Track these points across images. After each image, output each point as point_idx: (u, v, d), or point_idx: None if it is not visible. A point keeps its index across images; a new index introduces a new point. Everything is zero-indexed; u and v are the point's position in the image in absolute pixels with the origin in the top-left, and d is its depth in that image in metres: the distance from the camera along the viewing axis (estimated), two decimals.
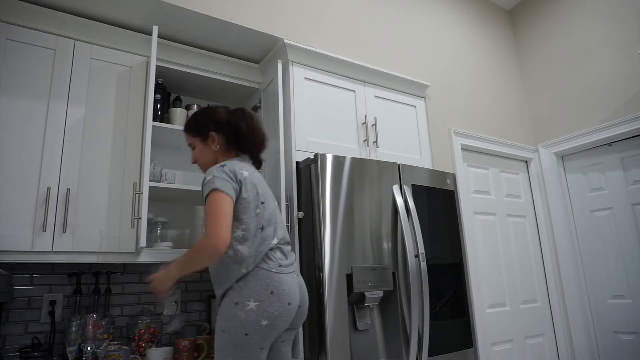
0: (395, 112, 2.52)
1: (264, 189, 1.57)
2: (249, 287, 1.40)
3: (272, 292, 1.40)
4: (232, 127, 1.60)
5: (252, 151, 1.64)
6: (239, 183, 1.46)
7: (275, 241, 1.51)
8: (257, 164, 1.68)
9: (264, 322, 1.37)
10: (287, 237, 1.60)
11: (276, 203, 1.63)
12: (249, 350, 1.36)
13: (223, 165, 1.48)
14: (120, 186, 1.84)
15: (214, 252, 1.35)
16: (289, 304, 1.43)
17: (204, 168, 1.64)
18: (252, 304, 1.37)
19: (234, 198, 1.44)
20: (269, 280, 1.41)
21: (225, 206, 1.39)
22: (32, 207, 1.64)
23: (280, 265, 1.47)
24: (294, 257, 1.58)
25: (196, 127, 1.63)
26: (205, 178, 1.45)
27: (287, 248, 1.57)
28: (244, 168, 1.52)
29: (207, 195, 1.41)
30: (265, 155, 2.19)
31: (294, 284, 1.48)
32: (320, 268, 1.76)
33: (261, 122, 1.68)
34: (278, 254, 1.49)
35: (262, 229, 1.48)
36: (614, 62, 2.93)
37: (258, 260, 1.44)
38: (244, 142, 1.61)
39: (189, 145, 1.67)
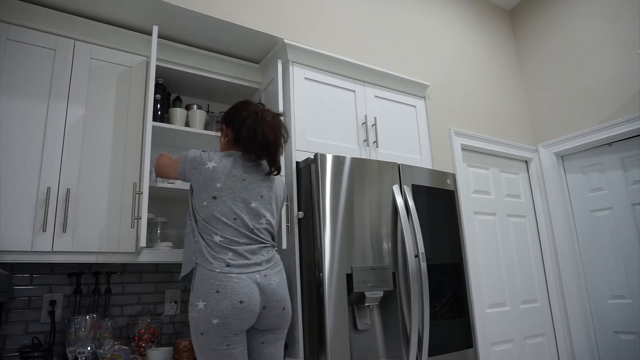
0: (395, 112, 2.52)
1: (228, 187, 1.55)
2: (197, 287, 1.44)
3: (217, 291, 1.41)
4: (239, 125, 1.63)
5: (257, 154, 1.62)
6: (195, 171, 1.57)
7: (217, 239, 1.49)
8: (272, 168, 1.65)
9: (215, 321, 1.38)
10: (255, 237, 1.55)
11: (252, 205, 1.58)
12: (213, 348, 1.39)
13: (192, 153, 1.61)
14: (120, 186, 1.84)
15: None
16: (241, 302, 1.41)
17: None
18: (200, 304, 1.40)
19: (181, 177, 1.62)
20: (212, 280, 1.43)
21: (167, 167, 1.67)
22: (32, 207, 1.64)
23: (228, 265, 1.45)
24: (264, 258, 1.54)
25: (220, 117, 1.81)
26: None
27: (250, 247, 1.52)
28: (213, 160, 1.58)
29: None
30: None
31: (248, 283, 1.45)
32: (320, 268, 1.76)
33: (280, 127, 1.65)
34: (229, 254, 1.47)
35: (205, 221, 1.52)
36: (614, 62, 2.93)
37: (200, 257, 1.48)
38: (246, 143, 1.62)
39: None
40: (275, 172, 1.66)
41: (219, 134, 1.77)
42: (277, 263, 1.60)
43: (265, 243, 1.58)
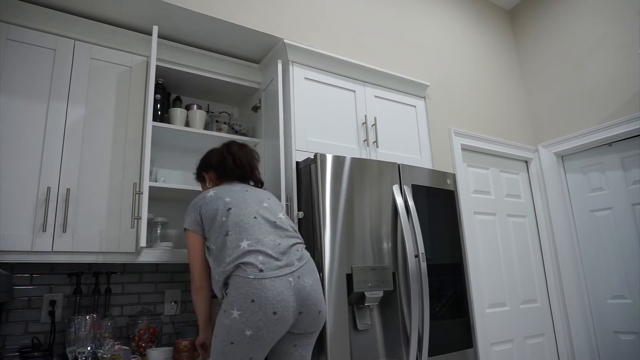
0: (395, 112, 2.52)
1: (237, 197, 1.63)
2: (232, 295, 1.41)
3: (252, 301, 1.37)
4: (217, 162, 1.80)
5: (244, 176, 1.79)
6: (199, 208, 1.63)
7: (245, 245, 1.47)
8: (258, 184, 1.84)
9: (248, 332, 1.35)
10: (286, 237, 1.56)
11: (265, 205, 1.64)
12: (237, 358, 1.37)
13: (189, 207, 1.68)
14: (120, 186, 1.84)
15: (196, 289, 1.62)
16: (275, 313, 1.37)
17: None
18: (235, 313, 1.37)
19: (200, 231, 1.63)
20: (247, 287, 1.38)
21: (195, 247, 1.63)
22: (32, 207, 1.64)
23: (261, 270, 1.41)
24: (295, 257, 1.51)
25: (197, 175, 1.90)
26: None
27: (281, 249, 1.50)
28: (210, 191, 1.67)
29: (184, 231, 1.69)
30: (265, 155, 2.20)
31: (283, 289, 1.41)
32: (320, 268, 1.76)
33: (249, 150, 1.86)
34: (260, 258, 1.44)
35: (227, 234, 1.52)
36: (614, 62, 2.93)
37: (229, 268, 1.44)
38: (232, 172, 1.78)
39: None
40: (260, 186, 1.84)
41: (203, 185, 1.88)
42: (308, 261, 1.57)
43: (292, 235, 1.59)
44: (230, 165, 1.77)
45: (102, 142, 1.85)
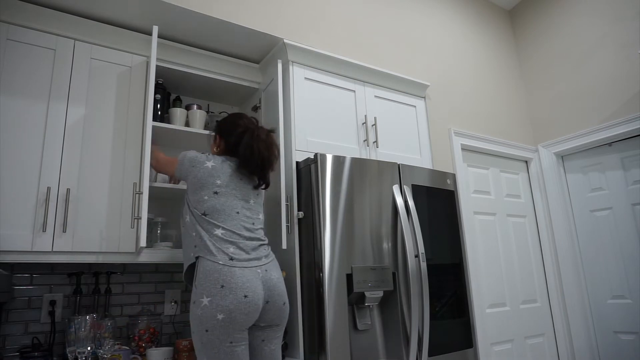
0: (395, 112, 2.52)
1: (228, 184, 1.61)
2: (200, 284, 1.43)
3: (222, 286, 1.41)
4: (235, 139, 1.70)
5: (251, 170, 1.67)
6: (193, 169, 1.62)
7: (219, 232, 1.51)
8: (261, 183, 1.71)
9: (220, 316, 1.38)
10: (253, 234, 1.59)
11: (251, 202, 1.66)
12: (216, 345, 1.38)
13: (191, 153, 1.67)
14: (120, 186, 1.84)
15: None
16: (245, 296, 1.42)
17: None
18: (205, 300, 1.40)
19: (178, 175, 1.68)
20: (216, 274, 1.43)
21: (166, 163, 1.76)
22: (32, 207, 1.64)
23: (232, 259, 1.47)
24: (263, 253, 1.58)
25: (214, 125, 1.83)
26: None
27: (251, 243, 1.56)
28: (212, 160, 1.64)
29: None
30: None
31: (252, 278, 1.47)
32: (320, 268, 1.76)
33: (273, 145, 1.71)
34: (231, 249, 1.49)
35: (205, 214, 1.54)
36: (614, 62, 2.93)
37: (202, 249, 1.48)
38: (242, 159, 1.67)
39: None
40: (264, 187, 1.73)
41: (211, 140, 1.82)
42: (274, 260, 1.64)
43: (263, 240, 1.63)
44: (247, 157, 1.65)
45: (102, 142, 1.85)
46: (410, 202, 2.08)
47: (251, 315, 1.44)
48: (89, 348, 1.67)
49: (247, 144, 1.66)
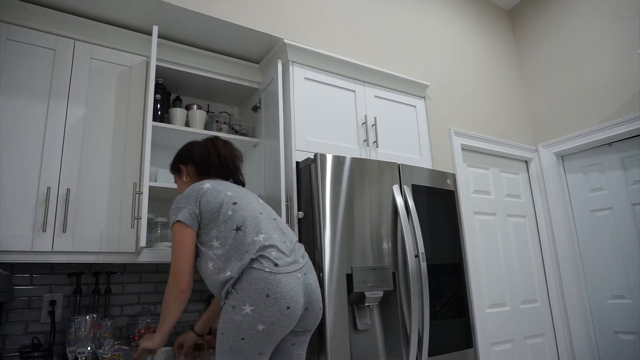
0: (395, 112, 2.52)
1: (237, 192, 1.57)
2: (243, 290, 1.36)
3: (267, 296, 1.34)
4: (199, 157, 1.69)
5: (227, 175, 1.69)
6: (199, 199, 1.50)
7: (260, 238, 1.44)
8: (240, 184, 1.72)
9: (260, 327, 1.33)
10: (288, 236, 1.56)
11: (263, 203, 1.62)
12: (246, 354, 1.34)
13: (183, 193, 1.54)
14: (120, 186, 1.84)
15: (179, 291, 1.44)
16: (288, 307, 1.36)
17: None
18: (247, 309, 1.34)
19: (195, 226, 1.49)
20: (263, 282, 1.36)
21: (186, 241, 1.47)
22: (32, 207, 1.64)
23: (276, 265, 1.40)
24: (299, 255, 1.52)
25: (172, 166, 1.77)
26: (172, 206, 1.53)
27: (288, 246, 1.50)
28: (204, 183, 1.56)
29: (172, 225, 1.50)
30: (265, 155, 2.20)
31: (295, 285, 1.41)
32: (320, 268, 1.76)
33: (233, 147, 1.75)
34: (273, 253, 1.43)
35: (237, 229, 1.45)
36: (614, 62, 2.93)
37: (245, 262, 1.39)
38: (217, 169, 1.67)
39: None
40: (242, 186, 1.72)
41: (178, 178, 1.73)
42: (309, 259, 1.58)
43: (292, 234, 1.59)
44: (215, 161, 1.66)
45: (102, 142, 1.85)
46: (410, 202, 2.08)
47: (289, 327, 1.39)
48: (89, 348, 1.67)
49: (210, 151, 1.68)
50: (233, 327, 1.35)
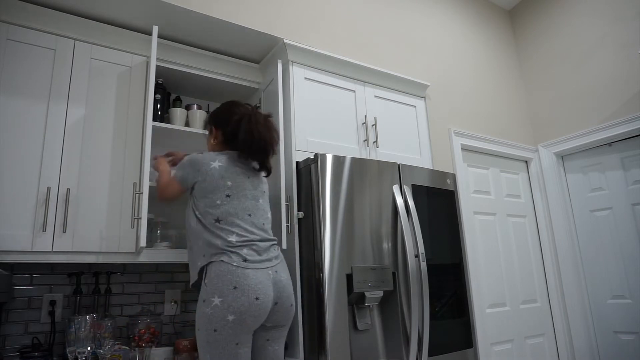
0: (395, 112, 2.52)
1: (239, 184, 1.59)
2: (212, 283, 1.43)
3: (235, 287, 1.41)
4: (232, 128, 1.66)
5: (251, 156, 1.65)
6: (200, 173, 1.57)
7: (233, 238, 1.50)
8: (263, 170, 1.70)
9: (230, 317, 1.38)
10: (266, 235, 1.60)
11: (260, 202, 1.65)
12: (222, 346, 1.38)
13: (190, 157, 1.63)
14: (120, 186, 1.84)
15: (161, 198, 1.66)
16: (257, 298, 1.42)
17: None
18: (216, 300, 1.40)
19: (185, 185, 1.61)
20: (230, 275, 1.42)
21: (170, 188, 1.63)
22: (32, 207, 1.64)
23: (245, 260, 1.47)
24: (273, 255, 1.58)
25: (207, 121, 1.79)
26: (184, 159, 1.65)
27: (263, 245, 1.56)
28: (217, 159, 1.60)
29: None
30: None
31: (264, 279, 1.47)
32: (320, 268, 1.76)
33: (272, 128, 1.68)
34: (245, 250, 1.49)
35: (219, 221, 1.52)
36: (614, 62, 2.93)
37: (216, 253, 1.47)
38: (243, 146, 1.64)
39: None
40: (265, 174, 1.72)
41: (209, 136, 1.76)
42: (283, 260, 1.64)
43: (273, 240, 1.63)
44: (246, 142, 1.62)
45: (102, 142, 1.85)
46: (410, 202, 2.08)
47: (260, 317, 1.45)
48: (89, 348, 1.67)
49: (247, 129, 1.62)
50: (205, 320, 1.40)
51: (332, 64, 2.29)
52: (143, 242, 1.64)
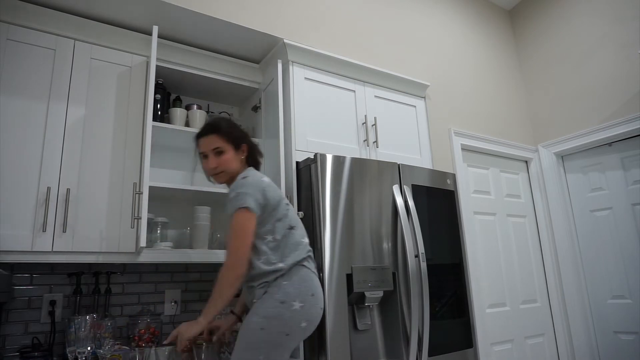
0: (395, 112, 2.52)
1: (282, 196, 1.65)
2: (294, 286, 1.41)
3: (312, 295, 1.44)
4: (252, 147, 1.73)
5: (258, 166, 1.76)
6: (264, 190, 1.51)
7: (306, 241, 1.58)
8: None
9: (304, 324, 1.40)
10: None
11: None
12: (284, 350, 1.38)
13: (246, 177, 1.52)
14: (120, 186, 1.84)
15: (237, 275, 1.40)
16: (322, 308, 1.48)
17: (226, 175, 1.65)
18: (297, 305, 1.39)
19: (259, 212, 1.49)
20: (310, 282, 1.46)
21: (249, 227, 1.45)
22: (32, 207, 1.64)
23: (315, 268, 1.56)
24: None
25: (233, 135, 1.65)
26: (234, 189, 1.50)
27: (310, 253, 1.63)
28: (264, 176, 1.62)
29: (235, 210, 1.46)
30: (265, 155, 2.20)
31: (322, 290, 1.55)
32: (320, 268, 1.76)
33: None
34: (312, 256, 1.59)
35: (291, 228, 1.55)
36: (614, 62, 2.93)
37: (299, 259, 1.50)
38: (255, 160, 1.74)
39: (215, 148, 1.63)
40: None
41: (235, 152, 1.65)
42: None
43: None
44: (259, 155, 1.76)
45: (102, 142, 1.85)
46: (410, 202, 2.08)
47: (316, 327, 1.50)
48: (89, 348, 1.67)
49: (256, 147, 1.76)
50: (280, 322, 1.36)
51: (332, 64, 2.29)
52: (143, 242, 1.64)
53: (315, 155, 1.90)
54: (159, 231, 2.09)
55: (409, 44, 2.83)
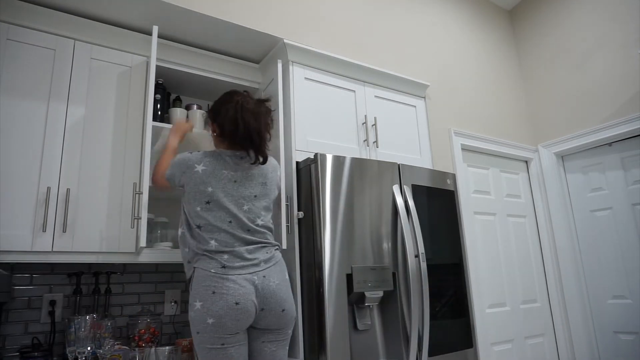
0: (395, 112, 2.52)
1: (221, 187, 1.56)
2: (194, 288, 1.47)
3: (213, 292, 1.43)
4: (222, 125, 1.65)
5: (242, 145, 1.61)
6: (184, 175, 1.59)
7: (212, 245, 1.50)
8: (258, 158, 1.63)
9: (210, 321, 1.41)
10: (253, 237, 1.56)
11: (253, 200, 1.61)
12: (207, 347, 1.42)
13: (179, 156, 1.63)
14: (120, 186, 1.84)
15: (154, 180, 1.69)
16: (237, 303, 1.42)
17: None
18: (197, 304, 1.44)
19: (172, 184, 1.64)
20: (208, 282, 1.45)
21: (158, 177, 1.66)
22: (32, 207, 1.64)
23: (224, 267, 1.47)
24: (263, 257, 1.55)
25: (207, 115, 1.80)
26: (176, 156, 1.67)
27: (248, 248, 1.54)
28: (202, 162, 1.59)
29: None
30: None
31: (245, 285, 1.46)
32: (320, 268, 1.76)
33: (262, 114, 1.64)
34: (225, 256, 1.49)
35: (199, 227, 1.54)
36: (614, 62, 2.93)
37: (197, 259, 1.51)
38: (229, 136, 1.63)
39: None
40: (262, 161, 1.63)
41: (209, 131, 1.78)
42: (277, 262, 1.59)
43: (264, 243, 1.59)
44: (239, 133, 1.59)
45: (102, 142, 1.85)
46: (410, 202, 2.08)
47: (243, 321, 1.45)
48: (89, 348, 1.67)
49: (232, 117, 1.59)
50: (190, 323, 1.46)
51: (332, 64, 2.29)
52: (143, 242, 1.64)
53: (315, 155, 1.90)
54: (159, 231, 2.09)
55: (409, 44, 2.83)
